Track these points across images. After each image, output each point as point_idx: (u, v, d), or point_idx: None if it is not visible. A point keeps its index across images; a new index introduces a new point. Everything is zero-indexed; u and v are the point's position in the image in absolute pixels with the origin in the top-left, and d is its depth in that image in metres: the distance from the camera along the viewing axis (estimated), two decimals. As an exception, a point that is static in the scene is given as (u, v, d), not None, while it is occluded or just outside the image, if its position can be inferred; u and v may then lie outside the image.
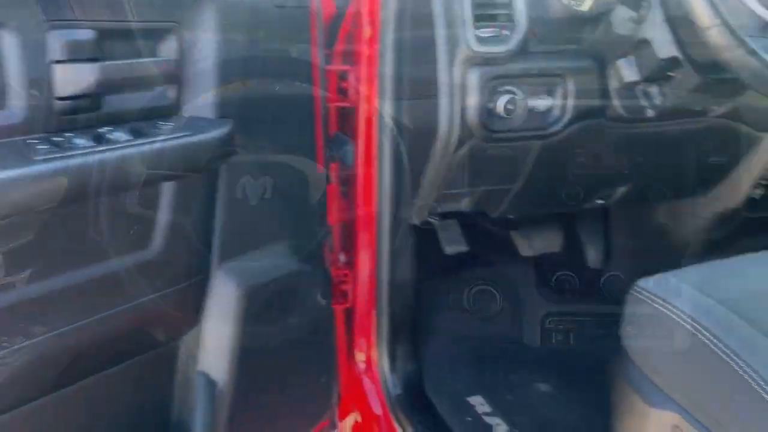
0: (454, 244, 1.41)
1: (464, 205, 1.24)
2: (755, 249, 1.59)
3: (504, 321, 1.63)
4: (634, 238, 1.68)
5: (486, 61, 1.03)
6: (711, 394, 0.80)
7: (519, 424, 1.33)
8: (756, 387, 0.74)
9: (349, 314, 1.32)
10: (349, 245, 1.27)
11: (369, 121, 1.14)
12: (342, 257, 1.30)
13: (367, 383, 1.32)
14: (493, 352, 1.52)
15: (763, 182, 1.39)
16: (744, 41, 0.83)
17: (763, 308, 0.85)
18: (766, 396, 0.73)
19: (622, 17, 1.03)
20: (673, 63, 0.99)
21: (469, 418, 1.33)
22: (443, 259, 1.46)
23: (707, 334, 0.82)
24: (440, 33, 1.03)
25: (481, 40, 1.01)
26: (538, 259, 1.65)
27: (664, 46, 0.99)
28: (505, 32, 1.02)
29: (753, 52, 0.83)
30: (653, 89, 1.07)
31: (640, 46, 1.02)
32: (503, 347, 1.54)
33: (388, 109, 1.10)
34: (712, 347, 0.80)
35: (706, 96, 1.08)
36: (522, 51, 1.04)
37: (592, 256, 1.72)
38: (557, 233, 1.65)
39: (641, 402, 0.89)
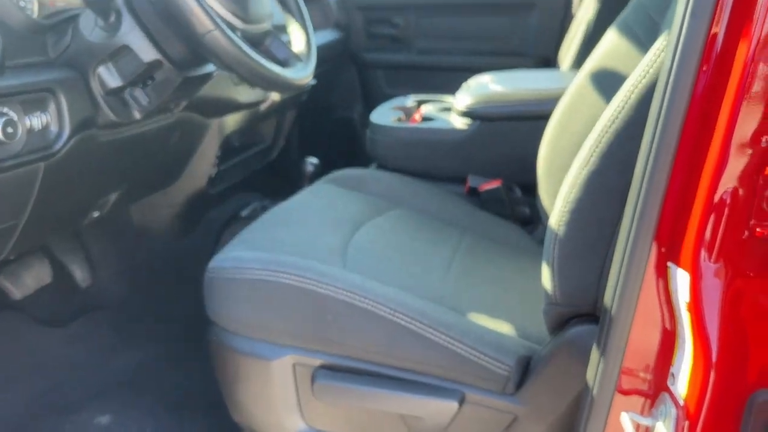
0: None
1: (-38, 261, 1.01)
2: (221, 218, 1.86)
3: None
4: (114, 244, 1.69)
5: None
6: (305, 324, 0.99)
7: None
8: (343, 297, 0.97)
9: None
10: None
11: None
12: None
13: None
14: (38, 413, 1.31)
15: (216, 161, 1.64)
16: (236, 42, 0.99)
17: (302, 245, 1.08)
18: (350, 300, 0.97)
19: (91, 26, 1.03)
20: (156, 65, 1.07)
21: None
22: None
23: (288, 276, 0.99)
24: None
25: None
26: (37, 295, 1.47)
27: (145, 51, 1.05)
28: (-26, 48, 0.88)
29: (246, 53, 1.00)
30: (139, 92, 1.13)
31: (119, 53, 1.05)
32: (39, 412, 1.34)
33: None
34: (298, 284, 0.98)
35: (181, 92, 1.20)
36: (1, 67, 0.91)
37: (80, 275, 1.64)
38: (43, 264, 1.50)
39: (258, 362, 1.00)
